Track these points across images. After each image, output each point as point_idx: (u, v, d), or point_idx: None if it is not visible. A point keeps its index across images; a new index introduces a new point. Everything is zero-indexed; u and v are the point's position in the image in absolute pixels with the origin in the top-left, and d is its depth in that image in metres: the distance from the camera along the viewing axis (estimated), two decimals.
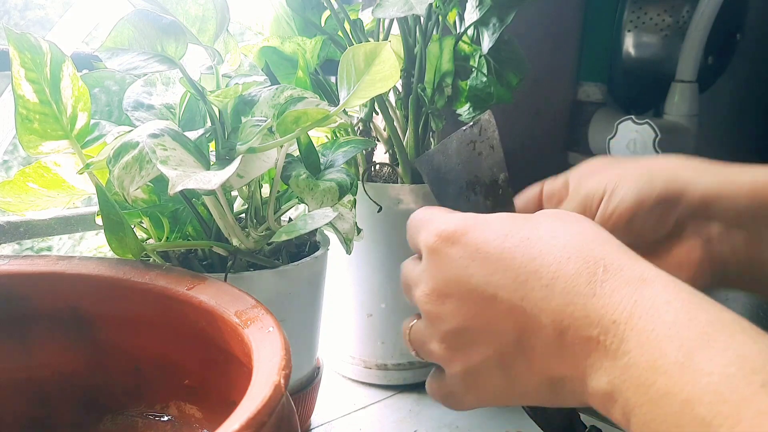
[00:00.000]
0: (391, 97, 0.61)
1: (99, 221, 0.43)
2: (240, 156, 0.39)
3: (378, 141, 0.61)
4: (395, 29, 0.59)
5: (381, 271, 0.60)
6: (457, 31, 0.61)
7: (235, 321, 0.34)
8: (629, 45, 0.98)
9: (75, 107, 0.40)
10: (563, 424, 0.41)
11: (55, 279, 0.39)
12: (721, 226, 0.39)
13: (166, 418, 0.41)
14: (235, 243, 0.45)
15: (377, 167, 0.63)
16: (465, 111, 0.63)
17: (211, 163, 0.40)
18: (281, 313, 0.41)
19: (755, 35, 1.10)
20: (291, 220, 0.53)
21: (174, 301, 0.37)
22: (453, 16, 0.62)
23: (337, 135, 0.57)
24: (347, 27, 0.56)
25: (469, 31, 0.62)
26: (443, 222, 0.34)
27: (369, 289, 0.61)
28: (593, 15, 0.98)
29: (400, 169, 0.60)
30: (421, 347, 0.36)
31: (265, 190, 0.49)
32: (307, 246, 0.53)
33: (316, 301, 0.52)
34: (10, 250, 0.56)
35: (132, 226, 0.44)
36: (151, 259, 0.45)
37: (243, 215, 0.49)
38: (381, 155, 0.63)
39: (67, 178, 0.45)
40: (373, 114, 0.60)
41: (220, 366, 0.38)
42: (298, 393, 0.51)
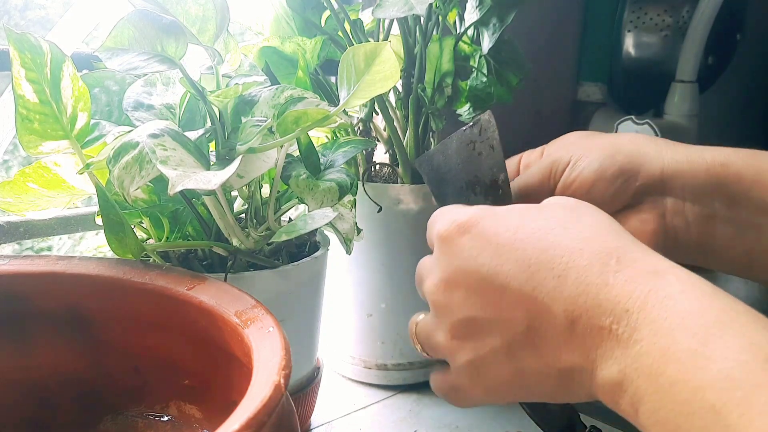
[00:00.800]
0: (391, 97, 0.61)
1: (99, 221, 0.43)
2: (240, 156, 0.39)
3: (378, 141, 0.61)
4: (395, 29, 0.59)
5: (381, 272, 0.60)
6: (457, 31, 0.61)
7: (235, 321, 0.34)
8: (629, 45, 0.98)
9: (75, 107, 0.40)
10: (563, 424, 0.41)
11: (55, 279, 0.39)
12: (678, 201, 0.40)
13: (166, 418, 0.41)
14: (235, 243, 0.45)
15: (377, 167, 0.63)
16: (465, 111, 0.63)
17: (211, 163, 0.40)
18: (281, 313, 0.41)
19: (755, 35, 1.10)
20: (291, 220, 0.53)
21: (174, 301, 0.37)
22: (453, 16, 0.62)
23: (337, 135, 0.57)
24: (347, 27, 0.56)
25: (469, 31, 0.62)
26: (456, 213, 0.35)
27: (369, 289, 0.61)
28: (593, 15, 0.98)
29: (400, 170, 0.60)
30: (427, 340, 0.36)
31: (265, 190, 0.49)
32: (307, 246, 0.53)
33: (316, 301, 0.52)
34: (10, 250, 0.56)
35: (132, 226, 0.44)
36: (151, 259, 0.45)
37: (243, 215, 0.49)
38: (381, 155, 0.63)
39: (67, 178, 0.45)
40: (373, 114, 0.59)
41: (220, 366, 0.38)
42: (298, 393, 0.51)
